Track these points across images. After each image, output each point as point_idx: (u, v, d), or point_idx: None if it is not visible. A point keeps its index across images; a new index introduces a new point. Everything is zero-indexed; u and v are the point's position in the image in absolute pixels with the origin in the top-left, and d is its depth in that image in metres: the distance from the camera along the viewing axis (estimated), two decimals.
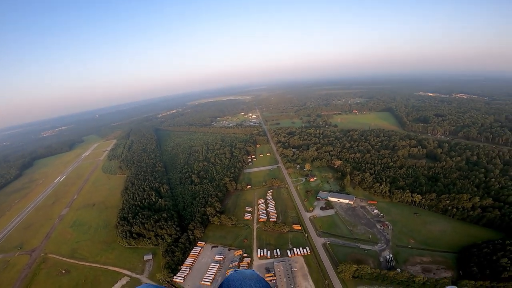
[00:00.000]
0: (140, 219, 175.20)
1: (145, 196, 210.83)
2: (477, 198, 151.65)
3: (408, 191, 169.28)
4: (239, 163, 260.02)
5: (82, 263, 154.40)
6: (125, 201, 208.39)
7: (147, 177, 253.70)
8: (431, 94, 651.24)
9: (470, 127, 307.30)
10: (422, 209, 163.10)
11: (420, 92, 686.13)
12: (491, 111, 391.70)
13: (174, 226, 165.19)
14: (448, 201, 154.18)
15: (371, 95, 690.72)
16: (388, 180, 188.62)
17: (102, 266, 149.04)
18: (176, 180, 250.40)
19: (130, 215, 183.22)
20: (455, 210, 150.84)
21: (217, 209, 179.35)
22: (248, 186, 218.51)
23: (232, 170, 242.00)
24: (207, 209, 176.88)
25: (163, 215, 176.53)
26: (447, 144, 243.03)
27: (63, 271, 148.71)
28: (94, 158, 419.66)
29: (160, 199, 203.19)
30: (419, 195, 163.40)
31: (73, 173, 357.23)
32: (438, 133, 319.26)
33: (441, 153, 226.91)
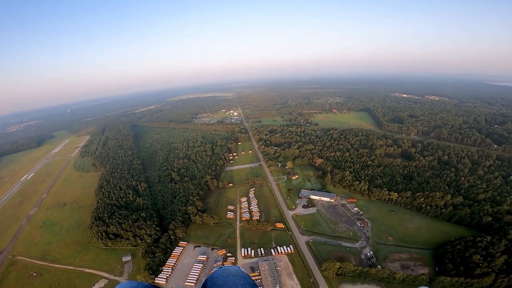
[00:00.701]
0: (117, 219, 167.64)
1: (121, 195, 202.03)
2: (449, 196, 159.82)
3: (385, 189, 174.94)
4: (221, 161, 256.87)
5: (55, 265, 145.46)
6: (99, 200, 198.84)
7: (123, 175, 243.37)
8: (405, 95, 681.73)
9: (441, 128, 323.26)
10: (398, 206, 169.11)
11: (396, 94, 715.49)
12: (460, 113, 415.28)
13: (154, 226, 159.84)
14: (422, 199, 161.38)
15: (350, 95, 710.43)
16: (366, 178, 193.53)
17: (77, 269, 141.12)
18: (154, 178, 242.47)
19: (105, 214, 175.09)
20: (428, 207, 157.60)
21: (199, 208, 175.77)
22: (230, 184, 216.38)
23: (214, 168, 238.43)
24: (189, 208, 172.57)
25: (141, 214, 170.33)
26: (420, 144, 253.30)
27: (34, 274, 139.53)
28: (65, 155, 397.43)
29: (138, 198, 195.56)
30: (395, 193, 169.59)
31: (42, 170, 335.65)
32: (412, 133, 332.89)
33: (415, 152, 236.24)
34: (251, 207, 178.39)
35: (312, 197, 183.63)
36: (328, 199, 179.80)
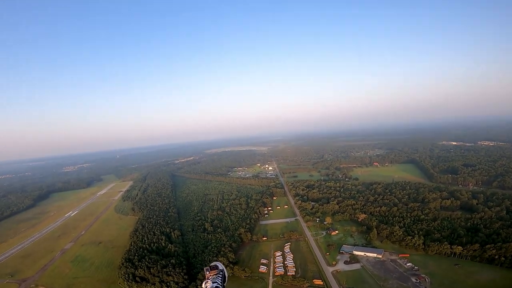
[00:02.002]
0: (146, 263, 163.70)
1: (154, 240, 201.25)
2: None
3: (446, 243, 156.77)
4: (255, 214, 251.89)
5: None
6: (133, 243, 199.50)
7: (158, 221, 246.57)
8: (455, 143, 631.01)
9: (505, 176, 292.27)
10: (463, 260, 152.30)
11: (443, 142, 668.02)
12: None
13: (182, 273, 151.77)
14: (494, 251, 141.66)
15: (391, 146, 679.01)
16: (421, 233, 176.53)
17: None
18: (188, 227, 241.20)
19: (136, 257, 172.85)
20: (503, 258, 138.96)
21: (230, 260, 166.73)
22: (264, 238, 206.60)
23: (248, 221, 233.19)
24: (219, 258, 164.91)
25: (171, 261, 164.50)
26: (482, 195, 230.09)
27: None
28: (108, 197, 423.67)
29: (170, 244, 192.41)
30: (459, 247, 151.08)
31: (86, 209, 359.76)
32: (470, 184, 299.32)
33: (477, 204, 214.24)
34: (286, 262, 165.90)
35: (356, 252, 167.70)
36: (375, 255, 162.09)
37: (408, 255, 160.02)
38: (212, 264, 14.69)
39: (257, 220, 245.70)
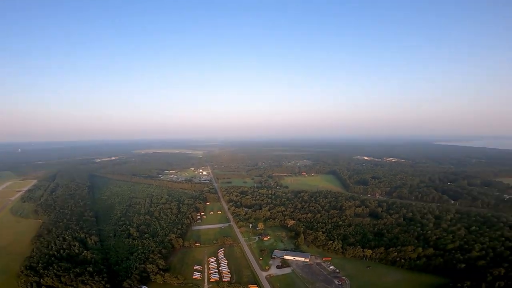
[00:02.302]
0: (55, 271, 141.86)
1: (64, 246, 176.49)
2: (420, 249, 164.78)
3: (359, 246, 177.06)
4: (187, 220, 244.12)
5: None
6: (35, 249, 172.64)
7: (70, 226, 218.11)
8: (366, 158, 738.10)
9: (402, 188, 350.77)
10: (373, 262, 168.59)
11: (358, 156, 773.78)
12: (416, 173, 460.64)
13: (103, 282, 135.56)
14: (395, 253, 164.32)
15: (317, 158, 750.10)
16: (339, 237, 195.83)
17: None
18: (109, 232, 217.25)
19: (40, 265, 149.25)
20: (403, 261, 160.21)
21: (160, 267, 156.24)
22: (197, 244, 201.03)
23: (179, 226, 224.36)
24: (148, 266, 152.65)
25: (88, 269, 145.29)
26: (385, 204, 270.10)
27: None
28: (3, 197, 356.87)
29: (85, 251, 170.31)
30: (369, 250, 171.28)
31: None
32: (377, 194, 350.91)
33: (381, 211, 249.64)
34: (220, 268, 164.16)
35: (286, 257, 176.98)
36: (303, 259, 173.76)
37: (330, 258, 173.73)
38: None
39: (189, 226, 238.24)
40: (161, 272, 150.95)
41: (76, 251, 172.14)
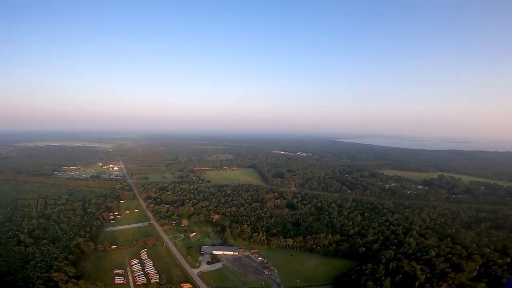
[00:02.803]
0: None
1: None
2: (330, 235, 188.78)
3: (281, 237, 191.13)
4: (97, 221, 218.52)
5: None
6: None
7: None
8: (282, 152, 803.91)
9: (312, 180, 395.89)
10: (295, 250, 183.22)
11: (275, 151, 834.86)
12: (323, 166, 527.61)
13: None
14: (312, 241, 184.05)
15: (238, 152, 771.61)
16: (263, 229, 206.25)
17: None
18: None
19: None
20: (318, 247, 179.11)
21: (70, 274, 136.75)
22: (114, 246, 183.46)
23: (88, 229, 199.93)
24: (54, 274, 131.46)
25: None
26: (299, 195, 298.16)
27: None
28: None
29: None
30: (290, 239, 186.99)
31: None
32: (292, 186, 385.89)
33: (297, 202, 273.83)
34: (146, 269, 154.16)
35: (215, 252, 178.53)
36: (231, 253, 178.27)
37: (257, 250, 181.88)
38: None
39: (100, 227, 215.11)
40: (73, 280, 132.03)
41: None
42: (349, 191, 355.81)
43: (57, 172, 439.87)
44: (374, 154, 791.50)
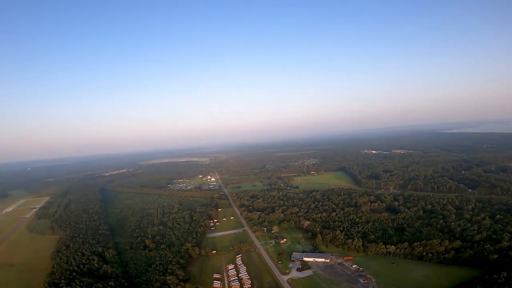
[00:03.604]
0: (78, 287, 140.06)
1: (84, 261, 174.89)
2: (447, 241, 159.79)
3: (381, 243, 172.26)
4: (201, 228, 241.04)
5: None
6: (56, 265, 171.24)
7: (87, 240, 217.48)
8: (374, 151, 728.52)
9: (416, 180, 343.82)
10: (398, 258, 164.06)
11: (365, 150, 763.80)
12: (428, 163, 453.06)
13: None
14: (421, 248, 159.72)
15: (324, 155, 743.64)
16: (358, 235, 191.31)
17: None
18: (125, 245, 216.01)
19: (63, 281, 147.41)
20: (430, 255, 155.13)
21: (180, 277, 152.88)
22: (214, 251, 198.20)
23: (194, 235, 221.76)
24: (168, 277, 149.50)
25: (109, 283, 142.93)
26: (401, 197, 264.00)
27: None
28: (18, 215, 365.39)
29: (105, 265, 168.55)
30: (392, 246, 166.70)
31: None
32: (390, 188, 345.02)
33: (398, 205, 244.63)
34: (240, 275, 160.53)
35: (306, 259, 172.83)
36: (323, 260, 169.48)
37: (352, 257, 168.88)
38: None
39: (203, 234, 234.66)
40: (181, 283, 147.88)
41: (96, 265, 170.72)
42: (470, 190, 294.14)
43: (169, 185, 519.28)
44: (499, 144, 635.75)
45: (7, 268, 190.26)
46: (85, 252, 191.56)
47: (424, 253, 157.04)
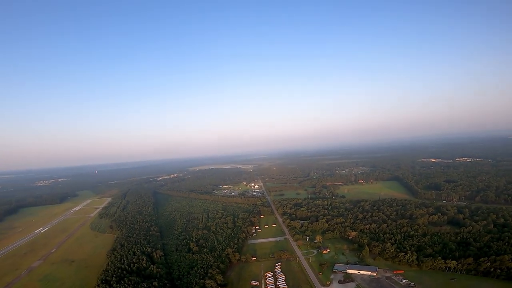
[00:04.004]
0: (126, 285, 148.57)
1: (134, 260, 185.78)
2: None
3: (439, 257, 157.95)
4: (243, 234, 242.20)
5: None
6: (110, 263, 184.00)
7: (139, 240, 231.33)
8: (434, 160, 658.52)
9: (486, 191, 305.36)
10: (458, 274, 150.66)
11: (423, 159, 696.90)
12: (501, 173, 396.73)
13: None
14: (488, 264, 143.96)
15: (374, 164, 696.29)
16: (413, 248, 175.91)
17: None
18: (171, 247, 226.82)
19: (114, 278, 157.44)
20: (498, 271, 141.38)
21: (218, 282, 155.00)
22: (254, 258, 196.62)
23: (236, 241, 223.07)
24: (207, 281, 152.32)
25: (153, 283, 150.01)
26: (467, 209, 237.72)
27: None
28: (84, 214, 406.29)
29: (151, 265, 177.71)
30: (453, 261, 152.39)
31: (58, 226, 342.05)
32: (454, 199, 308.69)
33: (463, 218, 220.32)
34: (278, 283, 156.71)
35: (349, 271, 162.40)
36: (369, 273, 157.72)
37: (403, 271, 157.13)
38: None
39: (245, 240, 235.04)
40: (219, 287, 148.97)
41: (144, 265, 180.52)
42: None
43: (215, 191, 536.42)
44: None
45: (69, 263, 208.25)
46: (136, 252, 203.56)
47: (492, 269, 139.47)
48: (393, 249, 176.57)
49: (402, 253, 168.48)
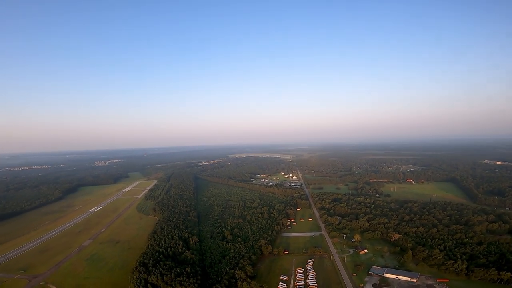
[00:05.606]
0: (160, 269, 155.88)
1: (172, 245, 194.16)
2: None
3: (493, 268, 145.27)
4: (277, 226, 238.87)
5: None
6: (150, 246, 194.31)
7: (178, 225, 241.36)
8: (499, 162, 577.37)
9: None
10: (510, 286, 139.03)
11: (486, 161, 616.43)
12: None
13: (197, 284, 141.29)
14: None
15: (427, 162, 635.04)
16: (464, 257, 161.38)
17: None
18: (207, 233, 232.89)
19: (151, 261, 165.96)
20: None
21: (248, 273, 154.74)
22: (286, 252, 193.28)
23: (269, 232, 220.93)
24: (237, 272, 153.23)
25: (186, 269, 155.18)
26: None
27: None
28: (132, 195, 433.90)
29: (186, 251, 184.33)
30: (508, 273, 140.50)
31: (110, 205, 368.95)
32: None
33: None
34: (308, 281, 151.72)
35: (387, 275, 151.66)
36: (408, 279, 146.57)
37: (447, 280, 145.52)
38: None
39: (279, 232, 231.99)
40: (248, 279, 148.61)
41: (180, 250, 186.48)
42: None
43: (252, 179, 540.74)
44: None
45: (114, 244, 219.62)
46: (174, 236, 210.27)
47: None
48: (441, 256, 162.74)
49: (451, 261, 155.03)
